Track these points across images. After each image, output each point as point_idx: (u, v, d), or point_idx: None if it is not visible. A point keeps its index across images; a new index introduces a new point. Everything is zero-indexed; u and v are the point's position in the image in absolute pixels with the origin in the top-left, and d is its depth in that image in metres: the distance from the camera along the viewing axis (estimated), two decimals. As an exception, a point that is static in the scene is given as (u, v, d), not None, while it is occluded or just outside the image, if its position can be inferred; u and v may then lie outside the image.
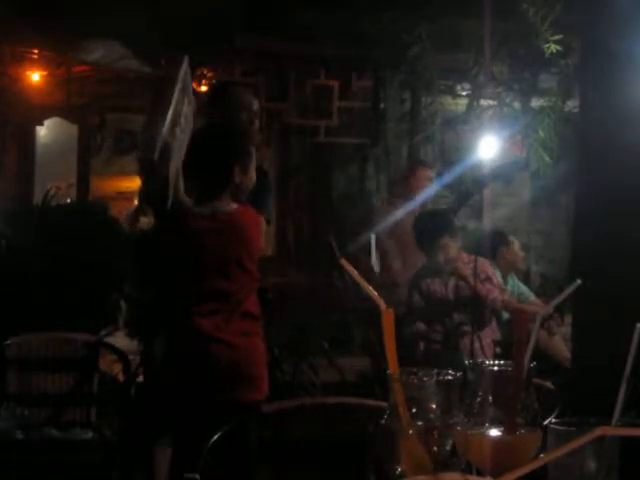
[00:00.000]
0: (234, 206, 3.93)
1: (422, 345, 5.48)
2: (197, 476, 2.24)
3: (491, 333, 5.48)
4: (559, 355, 5.72)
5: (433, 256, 5.50)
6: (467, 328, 5.34)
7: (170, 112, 3.86)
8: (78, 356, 4.77)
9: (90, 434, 4.66)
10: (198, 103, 4.22)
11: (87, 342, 4.80)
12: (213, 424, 2.60)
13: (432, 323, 5.49)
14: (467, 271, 5.37)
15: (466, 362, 1.44)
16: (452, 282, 5.48)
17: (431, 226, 5.62)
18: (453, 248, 5.48)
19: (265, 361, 3.93)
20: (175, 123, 3.92)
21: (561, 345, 5.82)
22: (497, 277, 5.70)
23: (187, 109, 4.08)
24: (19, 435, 4.61)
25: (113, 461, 4.44)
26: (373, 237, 6.97)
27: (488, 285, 5.41)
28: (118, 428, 4.55)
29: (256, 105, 4.71)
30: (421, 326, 5.52)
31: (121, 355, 4.61)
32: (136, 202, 4.67)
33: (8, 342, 4.68)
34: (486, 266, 5.64)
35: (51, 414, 4.70)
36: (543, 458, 1.24)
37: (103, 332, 5.66)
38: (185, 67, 4.04)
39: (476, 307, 5.34)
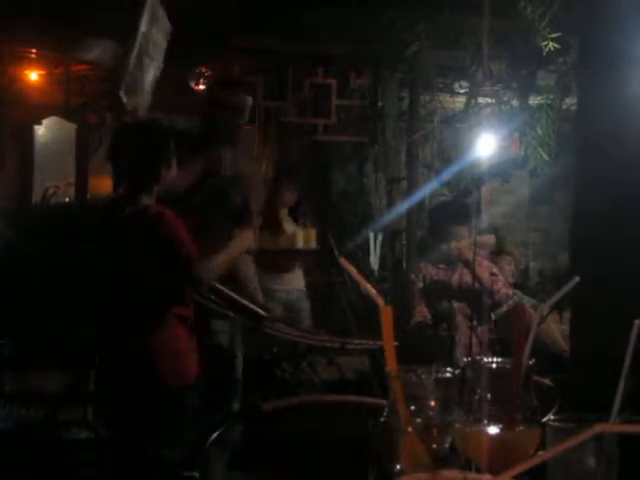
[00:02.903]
0: (144, 205, 3.87)
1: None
2: (196, 474, 2.24)
3: (489, 330, 5.49)
4: (553, 342, 5.75)
5: (444, 243, 5.52)
6: (466, 321, 5.37)
7: (136, 47, 3.93)
8: (75, 355, 4.77)
9: (86, 433, 4.66)
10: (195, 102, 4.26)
11: (84, 341, 4.80)
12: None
13: (430, 310, 5.53)
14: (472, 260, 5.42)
15: (464, 359, 1.45)
16: (457, 273, 5.52)
17: (446, 213, 5.67)
18: (466, 239, 5.50)
19: (174, 351, 3.84)
20: (143, 53, 3.98)
21: (555, 332, 5.85)
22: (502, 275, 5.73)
23: (156, 35, 4.12)
24: (15, 434, 4.61)
25: (108, 460, 4.44)
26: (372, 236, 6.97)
27: (494, 278, 5.46)
28: (115, 427, 4.55)
29: (246, 105, 4.73)
30: (424, 310, 5.53)
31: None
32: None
33: (5, 341, 4.68)
34: (491, 265, 5.71)
35: (48, 413, 4.70)
36: (542, 455, 1.24)
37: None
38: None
39: (477, 300, 5.36)
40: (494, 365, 1.41)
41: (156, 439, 3.64)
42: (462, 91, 8.12)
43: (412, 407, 1.34)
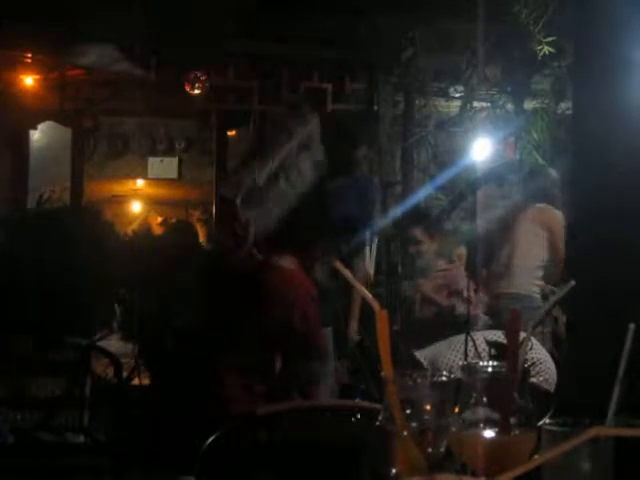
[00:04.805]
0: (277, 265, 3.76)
1: None
2: (192, 478, 2.24)
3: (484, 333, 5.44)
4: None
5: (407, 247, 5.42)
6: None
7: (273, 163, 3.75)
8: (70, 359, 4.75)
9: (82, 438, 4.64)
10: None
11: (79, 345, 4.79)
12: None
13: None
14: (431, 287, 5.28)
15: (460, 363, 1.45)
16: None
17: (404, 219, 5.53)
18: (427, 245, 5.36)
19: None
20: (279, 173, 3.79)
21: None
22: (471, 290, 5.37)
23: (304, 165, 3.91)
24: (10, 439, 4.59)
25: (104, 465, 4.42)
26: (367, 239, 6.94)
27: (454, 299, 5.28)
28: (111, 432, 4.54)
29: None
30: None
31: (113, 358, 4.59)
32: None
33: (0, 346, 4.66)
34: (460, 278, 5.44)
35: (43, 418, 4.68)
36: (538, 459, 1.24)
37: (97, 335, 5.65)
38: (314, 124, 3.96)
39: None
40: (489, 369, 1.41)
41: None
42: (457, 95, 8.12)
43: (408, 411, 1.34)
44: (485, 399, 1.38)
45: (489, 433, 1.36)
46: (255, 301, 3.64)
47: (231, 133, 9.22)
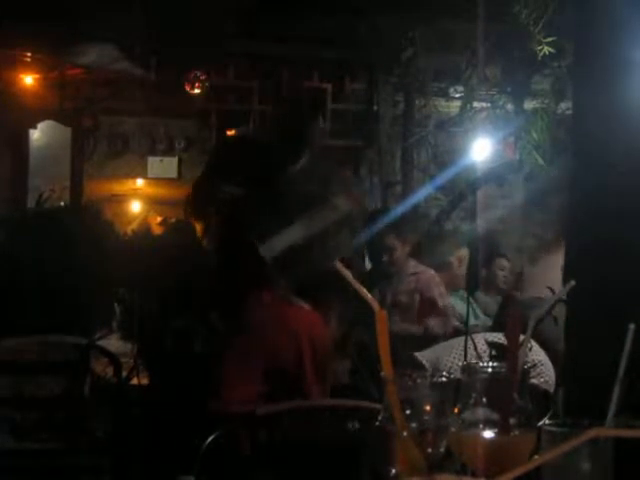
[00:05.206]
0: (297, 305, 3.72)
1: None
2: (192, 478, 2.24)
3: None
4: None
5: (378, 258, 5.31)
6: None
7: (308, 232, 3.69)
8: (69, 359, 4.75)
9: (82, 438, 4.64)
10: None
11: (78, 345, 4.79)
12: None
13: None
14: (406, 298, 5.22)
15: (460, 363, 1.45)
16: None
17: (378, 224, 5.34)
18: (400, 250, 5.26)
19: None
20: (315, 240, 3.73)
21: None
22: (445, 298, 5.30)
23: (343, 241, 3.85)
24: (9, 440, 4.59)
25: (104, 465, 4.42)
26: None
27: (431, 317, 5.18)
28: (111, 432, 4.54)
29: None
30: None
31: (112, 358, 4.59)
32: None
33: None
34: (433, 283, 5.30)
35: (43, 418, 4.68)
36: (537, 459, 1.24)
37: (97, 335, 5.64)
38: (362, 206, 3.87)
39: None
40: (489, 370, 1.41)
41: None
42: (457, 95, 8.13)
43: (407, 411, 1.34)
44: (485, 399, 1.38)
45: (489, 433, 1.36)
46: (262, 325, 3.62)
47: (231, 133, 9.22)
